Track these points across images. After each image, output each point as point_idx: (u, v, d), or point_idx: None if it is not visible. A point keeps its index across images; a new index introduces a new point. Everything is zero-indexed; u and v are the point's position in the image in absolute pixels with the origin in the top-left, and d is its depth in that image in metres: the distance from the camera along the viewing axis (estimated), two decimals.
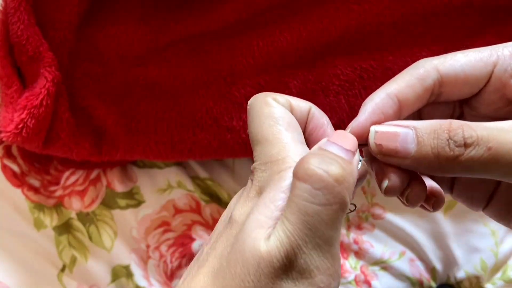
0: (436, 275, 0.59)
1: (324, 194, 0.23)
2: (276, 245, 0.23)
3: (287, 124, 0.27)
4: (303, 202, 0.24)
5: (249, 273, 0.23)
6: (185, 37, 0.56)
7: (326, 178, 0.24)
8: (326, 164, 0.24)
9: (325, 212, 0.23)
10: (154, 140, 0.54)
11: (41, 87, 0.49)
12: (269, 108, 0.28)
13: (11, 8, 0.49)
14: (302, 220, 0.23)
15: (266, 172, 0.26)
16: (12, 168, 0.56)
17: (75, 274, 0.58)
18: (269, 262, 0.23)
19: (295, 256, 0.23)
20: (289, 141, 0.27)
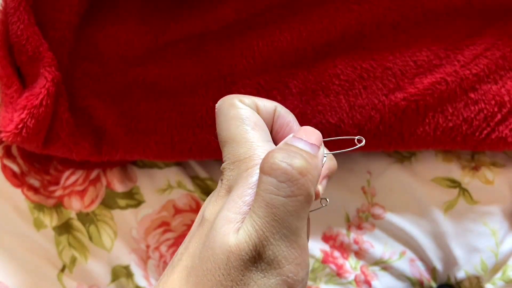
0: (436, 275, 0.59)
1: (288, 186, 0.24)
2: (245, 238, 0.24)
3: (254, 124, 0.28)
4: (269, 195, 0.24)
5: (219, 268, 0.24)
6: (185, 37, 0.56)
7: (290, 171, 0.25)
8: (290, 158, 0.25)
9: (291, 203, 0.24)
10: (154, 140, 0.54)
11: (41, 87, 0.49)
12: (235, 110, 0.29)
13: (11, 8, 0.49)
14: (269, 212, 0.24)
15: (234, 171, 0.27)
16: (12, 168, 0.56)
17: (75, 274, 0.58)
18: (238, 255, 0.24)
19: (263, 248, 0.24)
20: (256, 140, 0.28)
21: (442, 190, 0.58)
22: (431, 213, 0.58)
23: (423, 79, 0.53)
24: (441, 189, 0.58)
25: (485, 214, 0.58)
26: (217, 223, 0.25)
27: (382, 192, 0.59)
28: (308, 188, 0.25)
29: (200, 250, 0.26)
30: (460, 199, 0.58)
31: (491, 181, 0.58)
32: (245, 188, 0.26)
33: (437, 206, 0.58)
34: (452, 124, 0.53)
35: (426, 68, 0.53)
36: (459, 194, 0.58)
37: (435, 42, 0.55)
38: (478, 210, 0.58)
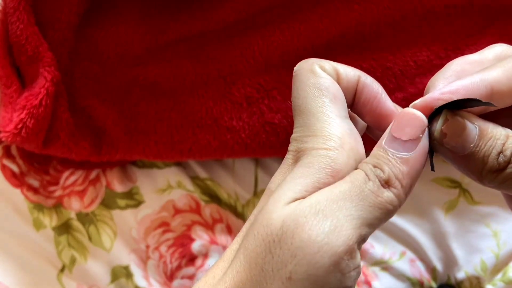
0: (436, 276, 0.59)
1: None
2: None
3: (333, 96, 0.26)
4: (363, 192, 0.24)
5: (271, 233, 0.23)
6: (185, 37, 0.56)
7: (382, 203, 0.24)
8: (378, 186, 0.24)
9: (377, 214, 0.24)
10: (154, 140, 0.54)
11: (40, 87, 0.49)
12: (315, 78, 0.26)
13: (11, 8, 0.49)
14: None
15: (306, 144, 0.25)
16: (11, 168, 0.56)
17: (74, 274, 0.58)
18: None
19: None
20: (333, 115, 0.26)
21: (443, 190, 0.58)
22: (432, 213, 0.58)
23: (423, 79, 0.53)
24: (442, 189, 0.58)
25: (486, 215, 0.58)
26: (277, 190, 0.24)
27: None
28: (391, 200, 0.24)
29: (255, 215, 0.25)
30: (460, 199, 0.58)
31: None
32: (318, 169, 0.24)
33: (437, 206, 0.58)
34: None
35: (427, 68, 0.53)
36: (459, 195, 0.58)
37: (435, 42, 0.55)
38: (479, 211, 0.58)
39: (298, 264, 0.22)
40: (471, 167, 0.25)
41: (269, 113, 0.54)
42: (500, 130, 0.25)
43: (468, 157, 0.25)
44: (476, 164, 0.25)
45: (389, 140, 0.25)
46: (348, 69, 0.28)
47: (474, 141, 0.25)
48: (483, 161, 0.25)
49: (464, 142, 0.25)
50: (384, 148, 0.25)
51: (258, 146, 0.55)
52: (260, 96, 0.55)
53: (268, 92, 0.55)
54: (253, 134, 0.54)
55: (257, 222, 0.24)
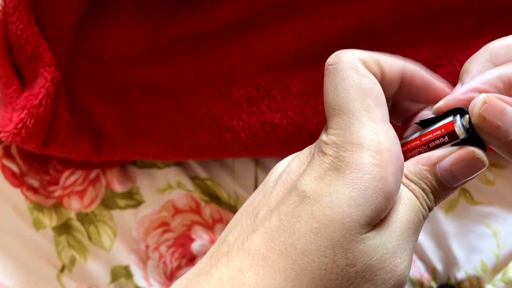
0: (436, 276, 0.59)
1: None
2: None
3: (376, 98, 0.24)
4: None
5: (354, 265, 0.23)
6: (185, 37, 0.56)
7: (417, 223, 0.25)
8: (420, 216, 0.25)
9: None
10: (154, 140, 0.54)
11: (40, 87, 0.49)
12: (358, 76, 0.24)
13: (10, 8, 0.49)
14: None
15: (352, 154, 0.23)
16: (11, 168, 0.56)
17: (74, 274, 0.58)
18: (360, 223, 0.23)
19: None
20: (379, 122, 0.24)
21: None
22: (432, 213, 0.58)
23: None
24: None
25: (486, 215, 0.58)
26: (334, 201, 0.23)
27: None
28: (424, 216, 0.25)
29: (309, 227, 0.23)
30: (461, 199, 0.58)
31: (492, 182, 0.58)
32: (377, 196, 0.23)
33: (437, 206, 0.58)
34: None
35: (427, 68, 0.53)
36: (459, 195, 0.58)
37: (435, 42, 0.54)
38: (479, 211, 0.58)
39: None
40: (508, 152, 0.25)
41: (269, 113, 0.54)
42: None
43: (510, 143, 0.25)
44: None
45: (445, 170, 0.25)
46: (391, 60, 0.26)
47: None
48: None
49: (507, 125, 0.24)
50: (437, 176, 0.25)
51: (258, 146, 0.54)
52: (260, 96, 0.55)
53: (268, 92, 0.55)
54: (253, 134, 0.54)
55: (329, 252, 0.23)
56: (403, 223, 0.24)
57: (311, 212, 0.23)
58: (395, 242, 0.23)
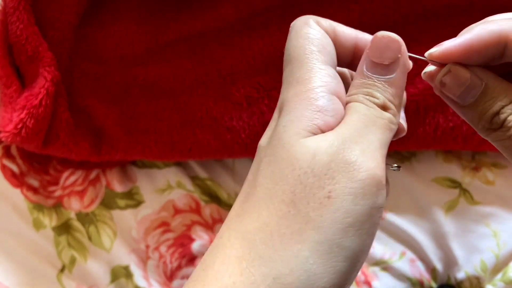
0: (436, 276, 0.59)
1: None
2: (330, 139, 0.24)
3: (322, 46, 0.26)
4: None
5: (297, 167, 0.23)
6: (185, 37, 0.56)
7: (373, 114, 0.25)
8: (368, 102, 0.25)
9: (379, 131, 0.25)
10: (154, 140, 0.54)
11: (40, 87, 0.49)
12: (307, 29, 0.27)
13: (10, 8, 0.49)
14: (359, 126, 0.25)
15: (290, 92, 0.26)
16: (11, 168, 0.56)
17: (74, 274, 0.58)
18: (324, 152, 0.23)
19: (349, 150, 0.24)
20: (319, 63, 0.26)
21: (443, 190, 0.58)
22: (432, 213, 0.58)
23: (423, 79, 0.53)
24: (442, 190, 0.58)
25: (486, 215, 0.58)
26: (281, 134, 0.25)
27: None
28: (391, 120, 0.25)
29: (265, 165, 0.25)
30: (461, 199, 0.58)
31: (492, 182, 0.58)
32: (308, 111, 0.25)
33: (437, 206, 0.58)
34: (452, 124, 0.53)
35: None
36: (459, 195, 0.58)
37: (435, 41, 0.54)
38: (479, 211, 0.58)
39: (338, 182, 0.23)
40: (468, 117, 0.27)
41: (269, 113, 0.54)
42: (506, 93, 0.25)
43: (467, 109, 0.26)
44: (473, 117, 0.26)
45: (370, 66, 0.26)
46: (345, 27, 0.28)
47: (475, 95, 0.26)
48: (479, 117, 0.26)
49: (464, 94, 0.26)
50: (368, 75, 0.26)
51: None
52: (260, 96, 0.55)
53: (268, 92, 0.55)
54: (253, 134, 0.54)
55: (272, 165, 0.24)
56: (348, 122, 0.25)
57: (265, 154, 0.25)
58: (340, 137, 0.24)
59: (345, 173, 0.23)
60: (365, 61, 0.26)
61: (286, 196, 0.23)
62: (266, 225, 0.23)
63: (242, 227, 0.24)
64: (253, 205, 0.24)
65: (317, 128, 0.24)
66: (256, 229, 0.23)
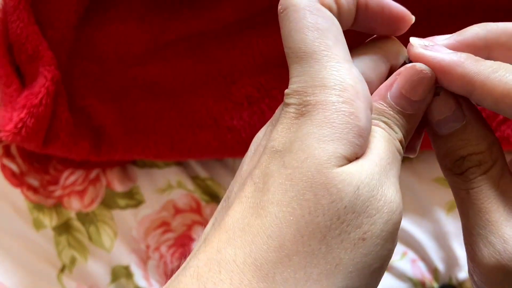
0: (438, 276, 0.59)
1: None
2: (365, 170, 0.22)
3: (335, 38, 0.23)
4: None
5: (341, 199, 0.21)
6: (185, 36, 0.56)
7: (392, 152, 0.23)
8: (391, 138, 0.23)
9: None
10: (154, 139, 0.54)
11: (40, 86, 0.49)
12: (312, 17, 0.23)
13: (11, 7, 0.49)
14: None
15: (317, 97, 0.22)
16: (11, 168, 0.56)
17: (74, 274, 0.58)
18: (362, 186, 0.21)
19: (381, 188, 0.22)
20: (342, 60, 0.22)
21: (444, 190, 0.58)
22: (433, 213, 0.58)
23: None
24: (443, 189, 0.58)
25: None
26: (318, 153, 0.21)
27: None
28: (402, 156, 0.24)
29: (287, 180, 0.21)
30: None
31: None
32: (351, 133, 0.22)
33: (439, 206, 0.58)
34: None
35: None
36: None
37: None
38: None
39: (374, 223, 0.21)
40: (436, 148, 0.25)
41: (269, 113, 0.54)
42: (481, 140, 0.24)
43: (439, 139, 0.25)
44: (440, 150, 0.25)
45: (396, 96, 0.24)
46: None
47: (452, 129, 0.24)
48: (446, 153, 0.25)
49: (442, 123, 0.25)
50: (392, 106, 0.23)
51: None
52: (260, 96, 0.55)
53: (268, 92, 0.55)
54: (254, 134, 0.54)
55: (300, 186, 0.21)
56: (380, 153, 0.22)
57: (283, 163, 0.21)
58: (377, 169, 0.22)
59: (382, 214, 0.21)
60: (392, 88, 0.24)
61: (319, 231, 0.20)
62: (289, 259, 0.20)
63: (255, 251, 0.20)
64: (270, 229, 0.21)
65: (355, 154, 0.22)
66: (277, 261, 0.20)
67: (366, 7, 0.25)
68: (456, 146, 0.24)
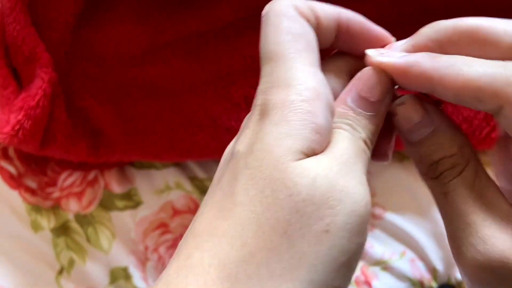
0: (437, 276, 0.59)
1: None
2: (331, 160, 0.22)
3: (306, 43, 0.24)
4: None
5: (299, 193, 0.21)
6: (183, 37, 0.56)
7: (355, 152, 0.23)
8: (354, 137, 0.23)
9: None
10: (152, 140, 0.54)
11: (37, 88, 0.48)
12: (288, 22, 0.24)
13: (7, 9, 0.48)
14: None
15: (278, 95, 0.22)
16: (9, 170, 0.56)
17: (73, 276, 0.57)
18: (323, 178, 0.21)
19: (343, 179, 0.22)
20: (308, 64, 0.23)
21: None
22: (432, 212, 0.58)
23: None
24: None
25: None
26: (275, 150, 0.21)
27: (382, 192, 0.58)
28: (369, 157, 0.24)
29: (248, 180, 0.21)
30: None
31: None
32: (307, 129, 0.22)
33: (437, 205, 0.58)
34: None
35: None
36: None
37: None
38: None
39: (337, 215, 0.21)
40: (411, 155, 0.25)
41: None
42: (452, 144, 0.24)
43: (412, 146, 0.25)
44: (415, 157, 0.25)
45: (355, 99, 0.24)
46: (326, 6, 0.25)
47: (422, 135, 0.24)
48: (419, 159, 0.25)
49: (412, 130, 0.25)
50: (352, 108, 0.24)
51: None
52: None
53: None
54: None
55: (260, 184, 0.21)
56: (341, 149, 0.22)
57: (246, 164, 0.22)
58: (336, 162, 0.22)
59: (345, 205, 0.21)
60: (351, 92, 0.24)
61: (280, 226, 0.20)
62: (252, 256, 0.20)
63: (220, 252, 0.21)
64: (234, 228, 0.21)
65: (312, 150, 0.22)
66: (239, 259, 0.20)
67: (347, 29, 0.26)
68: (428, 152, 0.24)
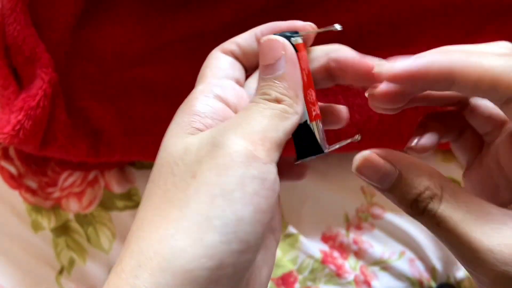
0: (436, 275, 0.59)
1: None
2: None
3: (215, 68, 0.30)
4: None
5: (174, 158, 0.25)
6: (183, 37, 0.56)
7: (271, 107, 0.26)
8: (265, 102, 0.26)
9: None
10: (152, 141, 0.54)
11: (37, 88, 0.49)
12: (212, 60, 0.31)
13: (8, 9, 0.48)
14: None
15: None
16: (9, 170, 0.56)
17: (73, 276, 0.58)
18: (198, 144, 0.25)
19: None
20: (209, 78, 0.29)
21: None
22: None
23: None
24: None
25: None
26: (164, 140, 0.27)
27: None
28: (285, 109, 0.26)
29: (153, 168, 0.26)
30: None
31: None
32: (186, 115, 0.27)
33: None
34: None
35: None
36: None
37: (433, 41, 0.54)
38: None
39: (203, 163, 0.24)
40: (391, 199, 0.27)
41: None
42: (421, 179, 0.26)
43: (387, 192, 0.26)
44: (394, 201, 0.26)
45: (262, 70, 0.27)
46: (244, 35, 0.31)
47: (391, 182, 0.26)
48: (399, 202, 0.26)
49: (381, 180, 0.26)
50: (262, 78, 0.27)
51: None
52: None
53: None
54: None
55: (154, 168, 0.26)
56: (230, 119, 0.26)
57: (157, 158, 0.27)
58: (220, 127, 0.25)
59: (210, 153, 0.24)
60: (259, 67, 0.28)
61: (161, 190, 0.24)
62: (142, 220, 0.24)
63: (132, 228, 0.25)
64: (138, 208, 0.25)
65: (196, 129, 0.26)
66: (135, 227, 0.24)
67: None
68: (403, 194, 0.26)
